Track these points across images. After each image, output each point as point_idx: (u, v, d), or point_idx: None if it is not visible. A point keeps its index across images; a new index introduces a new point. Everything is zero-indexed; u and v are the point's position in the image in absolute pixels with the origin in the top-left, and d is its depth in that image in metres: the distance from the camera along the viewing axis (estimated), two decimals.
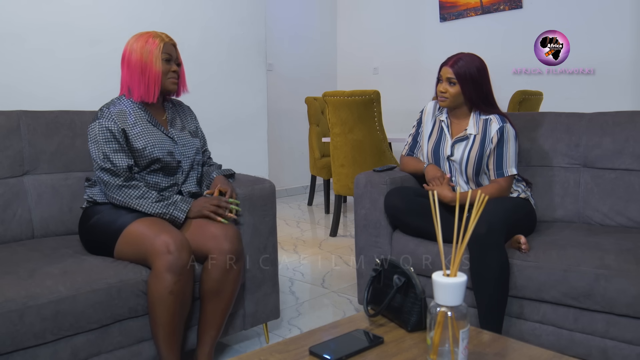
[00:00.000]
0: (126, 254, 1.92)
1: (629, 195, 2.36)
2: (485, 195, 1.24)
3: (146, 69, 2.08)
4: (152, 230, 1.88)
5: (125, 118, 2.07)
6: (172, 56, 2.14)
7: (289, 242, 4.16)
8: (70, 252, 1.97)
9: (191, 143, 2.24)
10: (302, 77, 6.41)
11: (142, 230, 1.89)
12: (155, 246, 1.82)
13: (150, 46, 2.09)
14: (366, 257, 2.49)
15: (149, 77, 2.08)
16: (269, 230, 2.30)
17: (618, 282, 1.83)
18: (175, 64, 2.16)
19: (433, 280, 1.19)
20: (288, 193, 6.32)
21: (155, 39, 2.10)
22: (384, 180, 2.44)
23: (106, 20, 2.88)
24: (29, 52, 2.61)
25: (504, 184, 2.32)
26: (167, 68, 2.12)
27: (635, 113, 2.50)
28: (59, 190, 2.29)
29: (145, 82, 2.09)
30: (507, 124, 2.34)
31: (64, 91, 2.73)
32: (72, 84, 2.78)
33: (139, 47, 2.09)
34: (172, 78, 2.15)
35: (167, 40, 2.14)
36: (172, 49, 2.16)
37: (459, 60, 2.32)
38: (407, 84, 6.26)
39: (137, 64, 2.08)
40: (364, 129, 3.99)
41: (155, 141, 2.10)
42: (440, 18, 5.95)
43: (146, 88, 2.09)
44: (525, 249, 2.04)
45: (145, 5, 3.01)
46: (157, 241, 1.82)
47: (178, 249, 1.81)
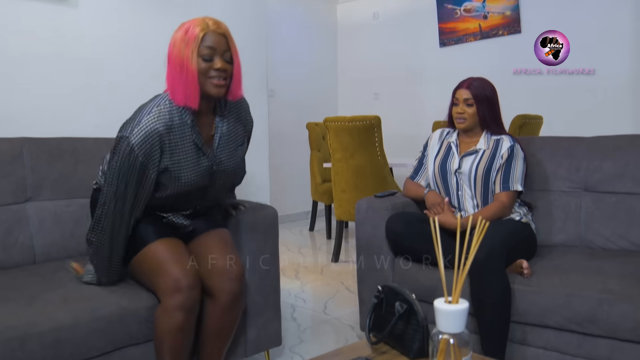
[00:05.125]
0: (138, 272, 1.87)
1: (630, 219, 2.36)
2: (486, 222, 1.24)
3: (183, 66, 1.71)
4: (170, 257, 1.79)
5: (167, 135, 1.74)
6: (217, 50, 1.73)
7: (290, 268, 4.14)
8: (70, 274, 1.96)
9: (233, 176, 2.00)
10: (304, 102, 6.45)
11: (161, 255, 1.79)
12: (168, 283, 1.74)
13: (189, 36, 1.71)
14: (368, 282, 2.48)
15: (186, 77, 1.71)
16: (271, 257, 2.30)
17: (621, 306, 1.82)
18: (222, 60, 1.74)
19: (435, 308, 1.19)
20: (290, 218, 6.32)
21: (196, 27, 1.71)
22: (385, 205, 2.44)
23: (109, 49, 2.90)
24: (32, 80, 2.63)
25: (506, 202, 2.32)
26: (208, 66, 1.72)
27: (635, 137, 2.51)
28: (61, 216, 2.29)
29: (184, 82, 1.71)
30: (518, 144, 2.39)
31: (67, 118, 2.75)
32: (75, 111, 2.79)
33: (178, 37, 1.74)
34: (215, 79, 1.74)
35: (213, 28, 1.73)
36: (219, 39, 1.73)
37: (473, 82, 2.40)
38: (407, 109, 6.29)
39: (177, 60, 1.72)
40: (365, 154, 4.01)
41: (191, 178, 1.83)
42: (440, 43, 6.00)
43: (185, 90, 1.72)
44: (528, 273, 2.03)
45: (146, 35, 3.04)
46: (170, 276, 1.74)
47: (190, 287, 1.75)
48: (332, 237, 5.16)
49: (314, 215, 5.76)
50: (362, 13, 6.78)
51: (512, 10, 5.42)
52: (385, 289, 1.56)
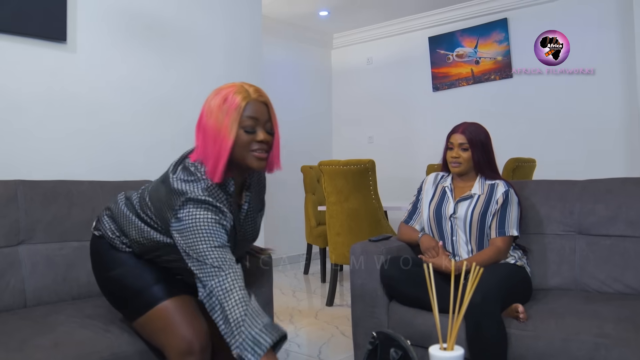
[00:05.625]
0: (145, 330, 1.77)
1: (625, 262, 2.36)
2: (481, 268, 1.25)
3: (219, 137, 1.56)
4: (181, 317, 1.69)
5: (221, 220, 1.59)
6: (260, 120, 1.60)
7: (285, 312, 4.10)
8: (61, 318, 1.92)
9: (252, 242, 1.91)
10: (299, 146, 6.47)
11: (172, 315, 1.69)
12: (180, 345, 1.65)
13: (230, 105, 1.57)
14: (363, 327, 2.45)
15: (219, 149, 1.56)
16: (265, 301, 2.28)
17: (618, 351, 1.81)
18: (264, 131, 1.62)
19: (430, 355, 1.18)
20: (284, 262, 6.28)
21: (236, 95, 1.58)
22: (379, 250, 2.44)
23: (105, 93, 2.94)
24: (28, 123, 2.65)
25: (502, 247, 2.32)
26: (249, 138, 1.59)
27: (627, 180, 2.54)
28: (53, 260, 2.27)
29: (216, 154, 1.57)
30: (512, 189, 2.41)
31: (61, 161, 2.76)
32: (70, 154, 2.81)
33: (215, 105, 1.59)
34: (257, 152, 1.62)
35: (255, 96, 1.60)
36: (262, 109, 1.61)
37: (469, 127, 2.44)
38: (401, 153, 6.34)
39: (213, 130, 1.58)
40: (360, 197, 4.02)
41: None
42: (433, 88, 6.09)
43: (215, 163, 1.58)
44: (523, 318, 2.01)
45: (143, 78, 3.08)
46: (182, 338, 1.66)
47: (202, 350, 1.67)
48: (327, 281, 5.12)
49: (309, 259, 5.73)
50: (356, 58, 6.89)
51: (503, 56, 5.53)
52: (380, 335, 1.54)
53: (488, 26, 5.63)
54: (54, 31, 2.71)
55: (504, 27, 5.49)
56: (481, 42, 5.69)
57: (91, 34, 2.89)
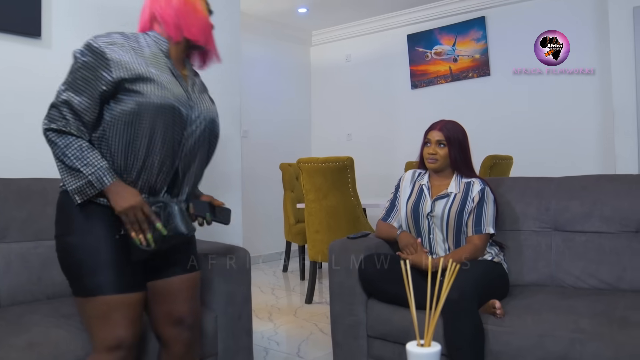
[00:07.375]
0: (80, 311, 1.68)
1: (599, 258, 2.39)
2: (457, 265, 1.25)
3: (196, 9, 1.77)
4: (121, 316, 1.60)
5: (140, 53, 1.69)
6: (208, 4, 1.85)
7: (263, 310, 4.09)
8: (36, 318, 1.89)
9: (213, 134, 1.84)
10: (277, 143, 6.47)
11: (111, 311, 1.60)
12: (110, 341, 1.59)
13: None
14: (342, 324, 2.45)
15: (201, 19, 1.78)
16: (243, 299, 2.27)
17: (593, 346, 1.83)
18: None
19: (407, 351, 1.18)
20: (263, 259, 6.27)
21: None
22: (358, 247, 2.44)
23: None
24: (1, 120, 2.60)
25: (479, 244, 2.34)
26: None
27: (602, 177, 2.58)
28: (28, 259, 2.24)
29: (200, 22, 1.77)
30: (488, 187, 2.43)
31: (36, 159, 2.71)
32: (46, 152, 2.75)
33: None
34: None
35: None
36: None
37: (446, 124, 2.45)
38: (380, 150, 6.36)
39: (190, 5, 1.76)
40: (338, 195, 4.02)
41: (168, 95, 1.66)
42: (412, 85, 6.12)
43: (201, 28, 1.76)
44: (500, 314, 2.03)
45: None
46: (114, 336, 1.59)
47: (133, 346, 1.64)
48: (306, 278, 5.12)
49: (288, 256, 5.73)
50: (335, 55, 6.90)
51: (481, 54, 5.57)
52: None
53: (466, 24, 5.66)
54: (27, 26, 2.65)
55: (481, 25, 5.53)
56: (459, 40, 5.72)
57: (67, 30, 2.84)
